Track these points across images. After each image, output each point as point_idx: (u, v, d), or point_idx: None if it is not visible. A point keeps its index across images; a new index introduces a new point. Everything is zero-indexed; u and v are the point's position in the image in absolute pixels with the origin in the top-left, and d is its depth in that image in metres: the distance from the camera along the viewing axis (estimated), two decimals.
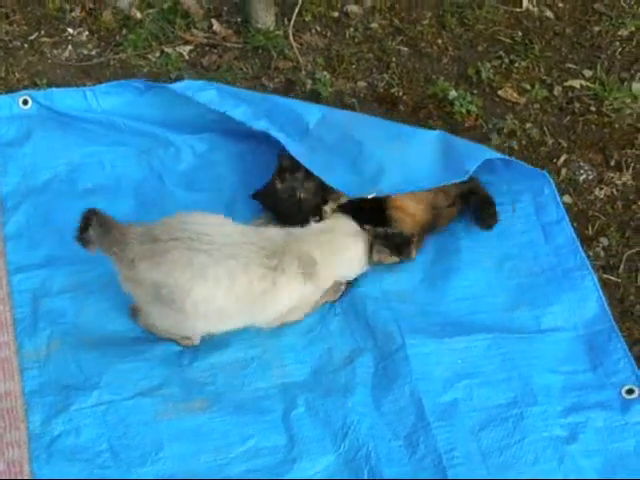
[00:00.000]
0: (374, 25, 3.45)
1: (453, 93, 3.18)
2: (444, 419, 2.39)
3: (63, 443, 2.34)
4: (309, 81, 3.25)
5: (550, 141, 3.09)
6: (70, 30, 3.42)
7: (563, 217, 2.77)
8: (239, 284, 2.35)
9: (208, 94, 2.92)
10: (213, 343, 2.55)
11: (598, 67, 3.32)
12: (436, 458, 2.32)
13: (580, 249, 2.71)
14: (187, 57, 3.33)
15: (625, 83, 3.27)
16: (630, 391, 2.44)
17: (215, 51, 3.36)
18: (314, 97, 3.19)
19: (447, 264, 2.72)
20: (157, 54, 3.33)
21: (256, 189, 2.78)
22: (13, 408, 2.39)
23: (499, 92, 3.23)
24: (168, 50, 3.33)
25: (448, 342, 2.52)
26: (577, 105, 3.20)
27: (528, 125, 3.13)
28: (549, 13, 3.54)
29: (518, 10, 3.54)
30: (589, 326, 2.58)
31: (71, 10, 3.48)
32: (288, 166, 2.70)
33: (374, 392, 2.45)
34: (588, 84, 3.26)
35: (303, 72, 3.28)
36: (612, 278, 2.73)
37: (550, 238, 2.75)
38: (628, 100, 3.20)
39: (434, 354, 2.49)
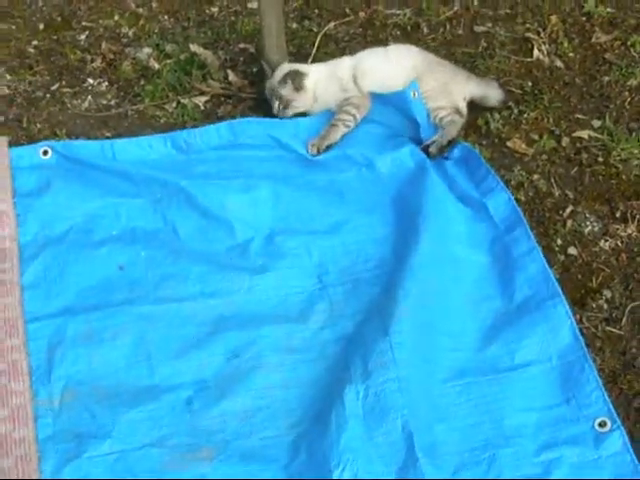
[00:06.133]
0: None
1: None
2: (430, 457, 2.41)
3: None
4: None
5: (557, 192, 3.13)
6: (90, 80, 3.52)
7: (534, 247, 2.82)
8: None
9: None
10: (222, 390, 2.60)
11: (607, 117, 3.36)
12: None
13: (552, 278, 2.75)
14: (203, 107, 3.42)
15: (633, 134, 3.30)
16: (602, 424, 2.45)
17: (230, 101, 3.44)
18: None
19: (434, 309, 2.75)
20: (174, 105, 3.41)
21: None
22: (26, 455, 2.44)
23: (508, 143, 3.27)
24: (184, 101, 3.41)
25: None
26: (585, 156, 3.24)
27: (535, 176, 3.17)
28: (559, 63, 3.59)
29: (529, 60, 3.60)
30: (563, 356, 2.60)
31: (92, 61, 3.59)
32: None
33: (366, 422, 2.46)
34: (596, 135, 3.30)
35: None
36: (615, 330, 2.75)
37: (522, 270, 2.80)
38: (636, 151, 3.23)
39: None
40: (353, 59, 3.35)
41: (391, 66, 3.30)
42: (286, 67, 3.31)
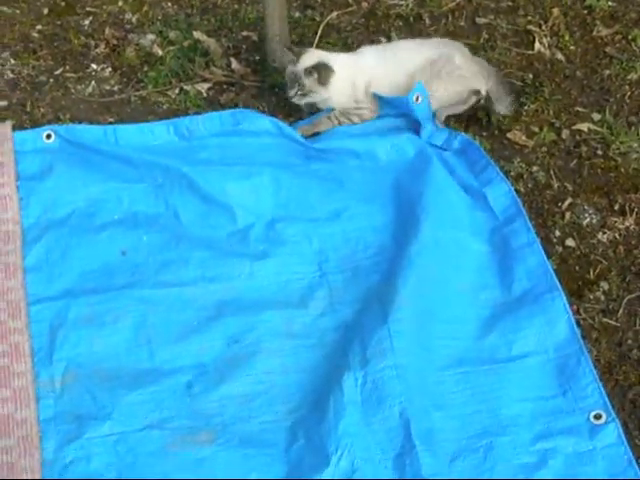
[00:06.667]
0: None
1: None
2: (427, 444, 2.43)
3: (74, 470, 2.41)
4: None
5: (556, 185, 3.15)
6: (94, 66, 3.54)
7: (534, 240, 2.86)
8: None
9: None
10: (222, 375, 2.62)
11: (607, 110, 3.38)
12: None
13: (551, 271, 2.78)
14: (205, 95, 3.43)
15: (633, 127, 3.33)
16: (598, 416, 2.47)
17: (233, 89, 3.46)
18: None
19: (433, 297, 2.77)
20: (176, 91, 3.43)
21: None
22: (28, 435, 2.47)
23: (508, 135, 3.29)
24: (187, 87, 3.43)
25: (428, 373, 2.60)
26: (584, 149, 3.26)
27: (535, 168, 3.19)
28: (560, 56, 3.61)
29: (530, 52, 3.62)
30: (559, 349, 2.63)
31: (96, 46, 3.60)
32: None
33: (364, 408, 2.49)
34: (596, 128, 3.33)
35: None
36: (611, 322, 2.77)
37: (522, 262, 2.83)
38: (635, 144, 3.26)
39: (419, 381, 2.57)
40: (373, 62, 3.30)
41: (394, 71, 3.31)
42: (315, 55, 3.23)
